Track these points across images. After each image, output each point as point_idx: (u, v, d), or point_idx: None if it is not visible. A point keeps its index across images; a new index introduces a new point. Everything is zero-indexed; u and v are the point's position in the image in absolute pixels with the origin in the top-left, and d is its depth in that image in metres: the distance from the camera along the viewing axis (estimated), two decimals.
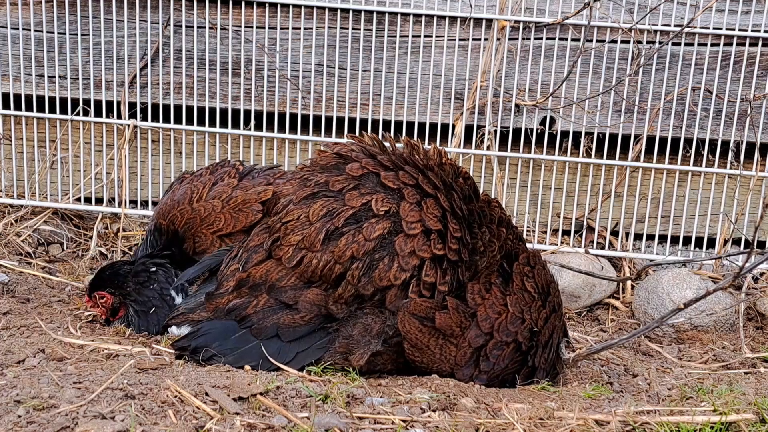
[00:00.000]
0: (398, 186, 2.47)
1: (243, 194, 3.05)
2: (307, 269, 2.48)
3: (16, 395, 2.14)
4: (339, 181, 2.50)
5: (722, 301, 3.62)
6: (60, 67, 3.96)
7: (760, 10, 3.82)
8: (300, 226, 2.49)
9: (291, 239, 2.49)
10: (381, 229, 2.43)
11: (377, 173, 2.49)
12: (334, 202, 2.48)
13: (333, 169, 2.55)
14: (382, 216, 2.43)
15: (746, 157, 3.94)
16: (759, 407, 2.30)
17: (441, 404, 2.39)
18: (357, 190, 2.48)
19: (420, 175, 2.49)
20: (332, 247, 2.45)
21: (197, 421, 2.06)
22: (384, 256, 2.44)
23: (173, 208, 3.11)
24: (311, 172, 2.59)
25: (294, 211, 2.51)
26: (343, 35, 3.91)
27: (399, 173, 2.49)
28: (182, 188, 3.18)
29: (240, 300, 2.57)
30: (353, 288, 2.46)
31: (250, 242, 2.65)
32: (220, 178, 3.17)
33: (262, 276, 2.55)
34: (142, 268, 3.13)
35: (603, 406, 2.49)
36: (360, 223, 2.45)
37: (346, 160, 2.55)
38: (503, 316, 2.55)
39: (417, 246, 2.43)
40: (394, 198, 2.46)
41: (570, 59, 3.87)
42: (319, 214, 2.47)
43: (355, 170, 2.50)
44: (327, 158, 2.59)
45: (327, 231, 2.45)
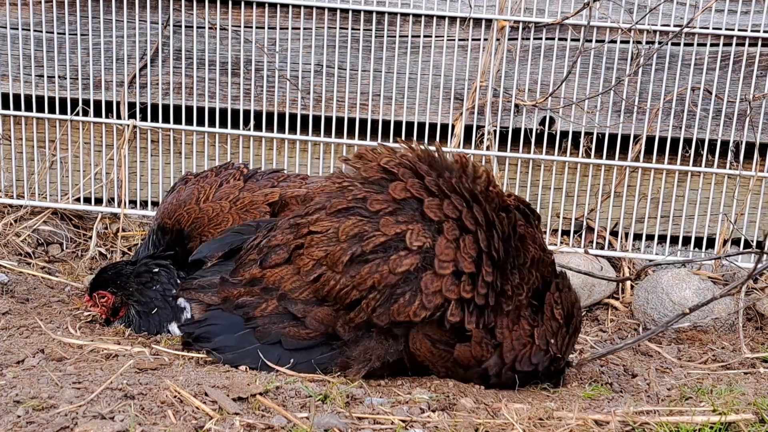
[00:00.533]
0: (439, 219, 2.31)
1: (250, 195, 3.10)
2: (323, 287, 2.39)
3: (15, 395, 2.14)
4: (378, 201, 2.35)
5: (722, 302, 3.62)
6: (60, 67, 3.96)
7: (760, 10, 3.82)
8: (326, 240, 2.37)
9: (314, 252, 2.38)
10: (408, 264, 2.28)
11: (421, 199, 2.33)
12: (367, 224, 2.33)
13: (375, 185, 2.40)
14: (413, 251, 2.28)
15: (746, 157, 3.94)
16: (758, 407, 2.30)
17: (440, 404, 2.39)
18: (394, 216, 2.32)
19: (464, 208, 2.33)
20: (354, 272, 2.32)
21: (197, 421, 2.06)
22: (406, 291, 2.30)
23: (179, 207, 3.13)
24: (351, 182, 2.45)
25: (324, 222, 2.40)
26: (343, 35, 3.91)
27: (444, 202, 2.33)
28: (188, 189, 3.21)
29: (250, 299, 2.52)
30: (366, 316, 2.36)
31: (274, 237, 2.54)
32: (225, 179, 3.22)
33: (276, 282, 2.47)
34: (144, 269, 3.13)
35: (602, 406, 2.49)
36: (388, 252, 2.30)
37: (391, 177, 2.39)
38: (527, 347, 2.45)
39: (445, 286, 2.28)
40: (432, 231, 2.31)
41: (569, 59, 3.87)
42: (349, 233, 2.34)
43: (398, 192, 2.35)
44: (372, 170, 2.43)
45: (353, 254, 2.32)
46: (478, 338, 2.37)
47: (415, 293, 2.29)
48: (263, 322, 2.50)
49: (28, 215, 4.03)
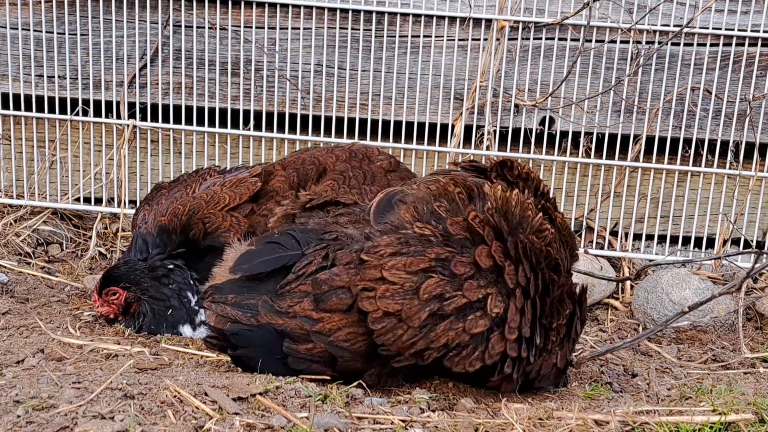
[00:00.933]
0: (514, 286, 2.39)
1: (235, 176, 3.18)
2: (385, 334, 2.36)
3: (15, 395, 2.14)
4: (462, 264, 2.37)
5: (722, 302, 3.62)
6: (59, 67, 3.96)
7: (760, 10, 3.82)
8: (402, 293, 2.35)
9: (388, 305, 2.34)
10: (483, 326, 2.35)
11: (501, 266, 2.39)
12: (449, 285, 2.35)
13: (456, 245, 2.40)
14: (491, 316, 2.36)
15: (745, 157, 3.94)
16: (758, 407, 2.30)
17: (440, 404, 2.39)
18: (476, 280, 2.37)
19: (531, 276, 2.42)
20: (428, 328, 2.34)
21: (196, 421, 2.06)
22: (470, 344, 2.37)
23: (173, 203, 3.14)
24: (433, 233, 2.42)
25: (401, 274, 2.36)
26: (343, 35, 3.91)
27: (519, 269, 2.40)
28: (173, 191, 3.25)
29: (299, 331, 2.44)
30: (417, 360, 2.40)
31: (336, 275, 2.41)
32: (203, 177, 3.28)
33: (331, 330, 2.41)
34: (159, 264, 3.09)
35: (602, 406, 2.50)
36: (464, 311, 2.35)
37: (475, 239, 2.41)
38: (551, 370, 2.56)
39: (508, 347, 2.39)
40: (504, 295, 2.39)
41: (569, 59, 3.87)
42: (432, 292, 2.34)
43: (483, 259, 2.38)
44: (458, 226, 2.42)
45: (431, 311, 2.34)
46: (514, 378, 2.47)
47: (477, 347, 2.38)
48: (302, 357, 2.45)
49: (28, 215, 4.03)
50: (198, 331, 3.04)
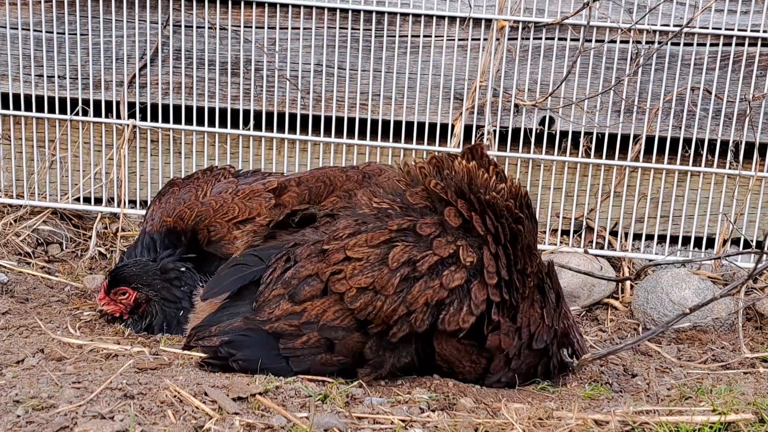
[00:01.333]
0: (484, 233, 2.45)
1: (249, 187, 3.16)
2: (365, 309, 2.41)
3: (15, 395, 2.14)
4: (427, 225, 2.44)
5: (721, 302, 3.61)
6: (59, 67, 3.96)
7: (759, 10, 3.82)
8: (370, 267, 2.40)
9: (360, 281, 2.40)
10: (460, 279, 2.40)
11: (469, 218, 2.45)
12: (415, 249, 2.41)
13: (416, 212, 2.47)
14: (466, 266, 2.40)
15: (745, 157, 3.94)
16: (758, 407, 2.30)
17: (440, 404, 2.39)
18: (444, 237, 2.43)
19: (498, 224, 2.48)
20: (405, 293, 2.39)
21: (196, 421, 2.06)
22: (453, 300, 2.41)
23: (179, 205, 3.16)
24: (391, 206, 2.50)
25: (364, 249, 2.42)
26: (343, 35, 3.91)
27: (486, 219, 2.47)
28: (183, 190, 3.25)
29: (289, 328, 2.47)
30: (410, 328, 2.42)
31: (301, 268, 2.50)
32: (216, 178, 3.27)
33: (318, 315, 2.45)
34: (172, 267, 3.10)
35: (602, 406, 2.50)
36: (437, 269, 2.40)
37: (437, 203, 2.48)
38: (540, 326, 2.60)
39: (490, 292, 2.43)
40: (475, 246, 2.44)
41: (569, 59, 3.87)
42: (400, 260, 2.39)
43: (453, 219, 2.45)
44: (416, 197, 2.50)
45: (401, 276, 2.38)
46: (506, 329, 2.52)
47: (462, 302, 2.42)
48: (302, 353, 2.47)
49: (28, 215, 4.03)
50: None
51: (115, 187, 4.04)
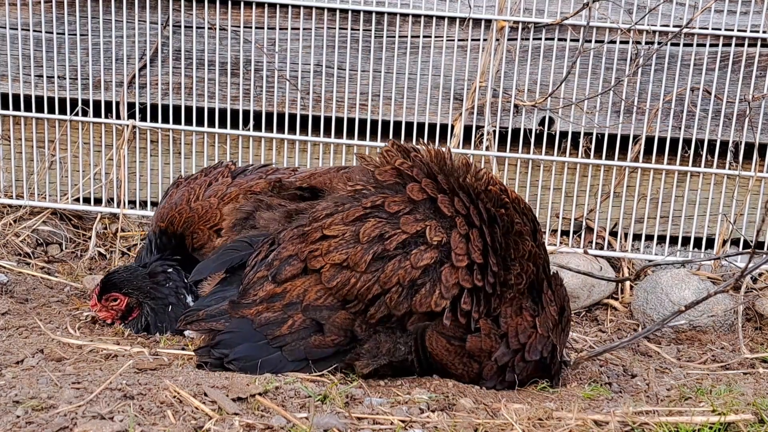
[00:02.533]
0: (452, 214, 2.45)
1: (237, 189, 3.16)
2: (344, 287, 2.43)
3: (14, 395, 2.14)
4: (396, 203, 2.45)
5: (721, 302, 3.62)
6: (59, 68, 3.96)
7: (759, 10, 3.83)
8: (344, 244, 2.43)
9: (334, 257, 2.43)
10: (429, 258, 2.40)
11: (434, 198, 2.46)
12: (387, 225, 2.43)
13: (389, 189, 2.50)
14: (433, 246, 2.41)
15: (745, 157, 3.95)
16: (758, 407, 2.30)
17: (440, 404, 2.39)
18: (413, 215, 2.44)
19: (471, 205, 2.47)
20: (377, 270, 2.41)
21: (196, 422, 2.06)
22: (426, 282, 2.42)
23: (172, 209, 3.18)
24: (365, 186, 2.52)
25: (339, 226, 2.45)
26: (343, 36, 3.91)
27: (455, 200, 2.46)
28: (179, 191, 3.26)
29: (273, 315, 2.50)
30: (387, 310, 2.44)
31: (282, 249, 2.54)
32: (214, 178, 3.28)
33: (299, 294, 2.48)
34: (160, 269, 3.17)
35: (602, 406, 2.49)
36: (408, 248, 2.41)
37: (406, 180, 2.50)
38: (532, 336, 2.56)
39: (461, 277, 2.42)
40: (446, 227, 2.44)
41: (569, 60, 3.87)
42: (371, 235, 2.41)
43: (416, 193, 2.46)
44: (386, 173, 2.52)
45: (374, 253, 2.40)
46: (486, 330, 2.49)
47: (435, 285, 2.42)
48: (291, 339, 2.48)
49: (28, 215, 4.03)
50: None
51: (115, 188, 4.04)
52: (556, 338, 2.63)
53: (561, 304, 2.69)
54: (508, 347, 2.52)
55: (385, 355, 2.52)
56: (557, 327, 2.64)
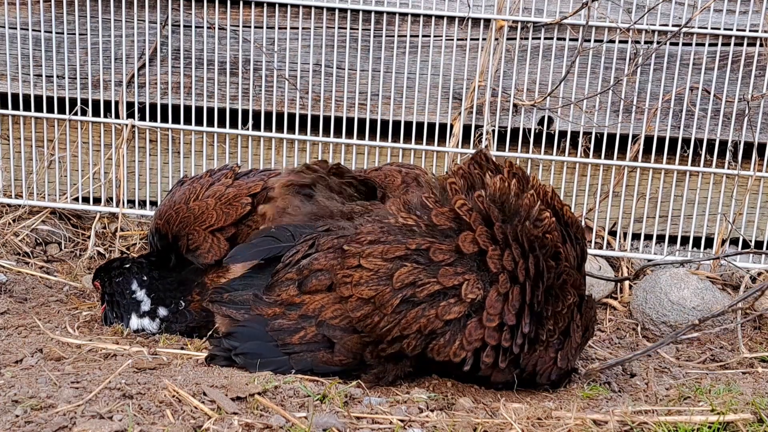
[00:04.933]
0: (497, 270, 2.36)
1: (235, 191, 3.12)
2: (364, 322, 2.41)
3: (13, 395, 2.14)
4: (441, 251, 2.37)
5: (720, 301, 3.62)
6: (58, 67, 3.96)
7: (758, 10, 3.83)
8: (376, 280, 2.39)
9: (363, 291, 2.39)
10: (456, 313, 2.34)
11: (485, 251, 2.36)
12: (423, 272, 2.36)
13: (440, 234, 2.40)
14: (466, 301, 2.34)
15: (744, 157, 3.95)
16: (757, 407, 2.30)
17: (439, 404, 2.39)
18: (453, 267, 2.35)
19: (521, 260, 2.37)
20: (401, 315, 2.37)
21: (195, 421, 2.06)
22: (446, 332, 2.37)
23: (170, 208, 3.16)
24: (417, 223, 2.43)
25: (377, 260, 2.39)
26: (342, 35, 3.91)
27: (505, 253, 2.36)
28: (182, 189, 3.24)
29: (287, 323, 2.49)
30: (401, 351, 2.43)
31: (316, 260, 2.48)
32: (217, 179, 3.25)
33: (315, 310, 2.46)
34: (118, 264, 3.21)
35: (601, 406, 2.50)
36: (437, 298, 2.36)
37: (461, 226, 2.40)
38: (549, 368, 2.55)
39: (487, 334, 2.36)
40: (485, 282, 2.36)
41: (568, 59, 3.87)
42: (404, 281, 2.36)
43: (467, 245, 2.36)
44: (442, 218, 2.42)
45: (403, 297, 2.36)
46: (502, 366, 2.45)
47: (456, 336, 2.36)
48: (300, 350, 2.48)
49: (27, 215, 4.03)
50: (144, 320, 3.12)
51: (114, 187, 4.04)
52: (573, 361, 2.60)
53: (586, 326, 2.64)
54: (521, 371, 2.51)
55: (392, 378, 2.53)
56: (578, 349, 2.61)
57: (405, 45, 3.91)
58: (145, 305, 3.10)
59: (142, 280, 3.12)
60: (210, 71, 3.94)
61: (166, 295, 3.10)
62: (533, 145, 4.01)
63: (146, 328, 3.10)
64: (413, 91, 3.96)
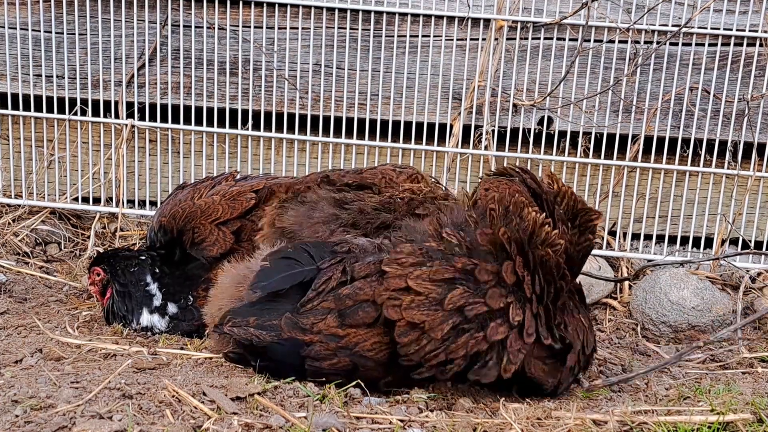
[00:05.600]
0: (530, 295, 2.43)
1: (239, 189, 3.22)
2: (409, 345, 2.38)
3: (13, 395, 2.15)
4: (487, 272, 2.41)
5: (720, 302, 3.62)
6: (58, 67, 3.96)
7: (758, 10, 3.83)
8: (428, 304, 2.37)
9: (415, 315, 2.36)
10: (503, 333, 2.38)
11: (522, 279, 2.43)
12: (473, 296, 2.38)
13: (481, 256, 2.44)
14: (513, 325, 2.39)
15: (744, 156, 3.95)
16: (756, 407, 2.30)
17: (438, 404, 2.39)
18: (499, 288, 2.40)
19: (546, 285, 2.47)
20: (450, 341, 2.37)
21: (195, 421, 2.06)
22: (492, 355, 2.40)
23: (176, 205, 3.24)
24: (460, 243, 2.45)
25: (427, 284, 2.38)
26: (341, 35, 3.91)
27: (535, 279, 2.45)
28: (185, 191, 3.33)
29: (323, 351, 2.43)
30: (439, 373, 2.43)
31: (359, 290, 2.41)
32: (218, 182, 3.34)
33: (355, 343, 2.41)
34: (134, 254, 3.21)
35: (600, 406, 2.50)
36: (484, 320, 2.38)
37: (499, 255, 2.45)
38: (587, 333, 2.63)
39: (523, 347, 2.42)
40: (522, 304, 2.43)
41: (568, 59, 3.87)
42: (456, 303, 2.37)
43: (509, 275, 2.42)
44: (485, 238, 2.46)
45: (454, 323, 2.36)
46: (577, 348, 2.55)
47: (500, 356, 2.40)
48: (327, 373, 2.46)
49: (27, 215, 4.03)
50: (154, 316, 3.11)
51: (114, 187, 4.04)
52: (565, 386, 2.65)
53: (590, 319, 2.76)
54: (574, 351, 2.56)
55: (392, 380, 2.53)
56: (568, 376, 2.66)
57: (405, 45, 3.91)
58: (157, 300, 3.10)
59: (155, 273, 3.13)
60: (210, 71, 3.94)
61: (175, 290, 3.12)
62: (533, 145, 4.01)
63: (155, 325, 3.09)
64: (413, 91, 3.96)
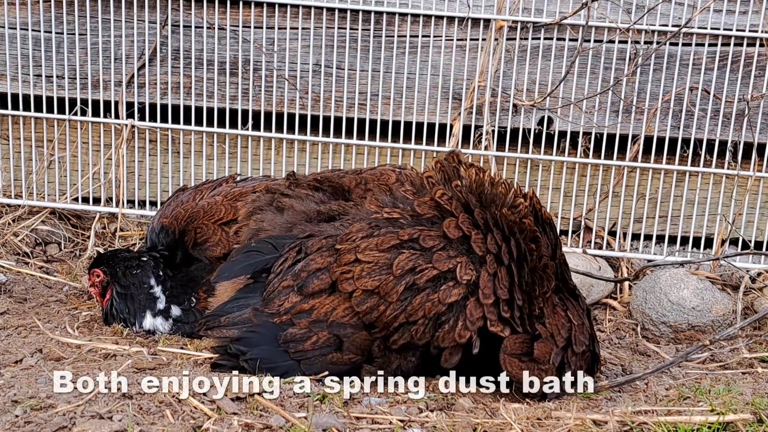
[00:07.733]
0: (483, 253, 2.47)
1: (240, 189, 3.23)
2: (371, 313, 2.47)
3: (13, 395, 2.15)
4: (431, 238, 2.49)
5: (720, 302, 3.62)
6: (58, 67, 3.96)
7: (758, 10, 3.83)
8: (378, 270, 2.47)
9: (367, 283, 2.46)
10: (456, 295, 2.44)
11: (468, 236, 2.49)
12: (420, 258, 2.46)
13: (426, 222, 2.53)
14: (462, 284, 2.44)
15: (744, 157, 3.95)
16: (756, 407, 2.30)
17: (438, 404, 2.39)
18: (446, 251, 2.47)
19: (504, 244, 2.49)
20: (406, 302, 2.44)
21: (195, 421, 2.06)
22: (450, 318, 2.45)
23: (178, 206, 3.25)
24: (402, 215, 2.55)
25: (373, 252, 2.48)
26: (341, 35, 3.91)
27: (488, 237, 2.49)
28: (186, 193, 3.36)
29: (299, 331, 2.51)
30: (410, 338, 2.48)
31: (311, 261, 2.55)
32: (218, 184, 3.36)
33: (327, 313, 2.50)
34: (136, 256, 3.20)
35: (601, 406, 2.50)
36: (437, 282, 2.45)
37: (444, 214, 2.54)
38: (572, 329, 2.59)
39: (486, 310, 2.45)
40: (476, 264, 2.47)
41: (568, 59, 3.87)
42: (404, 267, 2.45)
43: (452, 231, 2.49)
44: (425, 207, 2.55)
45: (406, 284, 2.44)
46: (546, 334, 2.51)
47: (458, 319, 2.45)
48: (312, 355, 2.51)
49: (27, 215, 4.03)
50: (158, 319, 3.09)
51: (114, 187, 4.04)
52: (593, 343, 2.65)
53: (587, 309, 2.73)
54: (557, 345, 2.54)
55: (395, 369, 2.56)
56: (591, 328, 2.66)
57: (405, 45, 3.91)
58: (161, 303, 3.09)
59: (158, 275, 3.12)
60: (210, 71, 3.94)
61: (178, 292, 3.10)
62: (533, 145, 4.01)
63: (158, 328, 3.08)
64: (413, 91, 3.96)
